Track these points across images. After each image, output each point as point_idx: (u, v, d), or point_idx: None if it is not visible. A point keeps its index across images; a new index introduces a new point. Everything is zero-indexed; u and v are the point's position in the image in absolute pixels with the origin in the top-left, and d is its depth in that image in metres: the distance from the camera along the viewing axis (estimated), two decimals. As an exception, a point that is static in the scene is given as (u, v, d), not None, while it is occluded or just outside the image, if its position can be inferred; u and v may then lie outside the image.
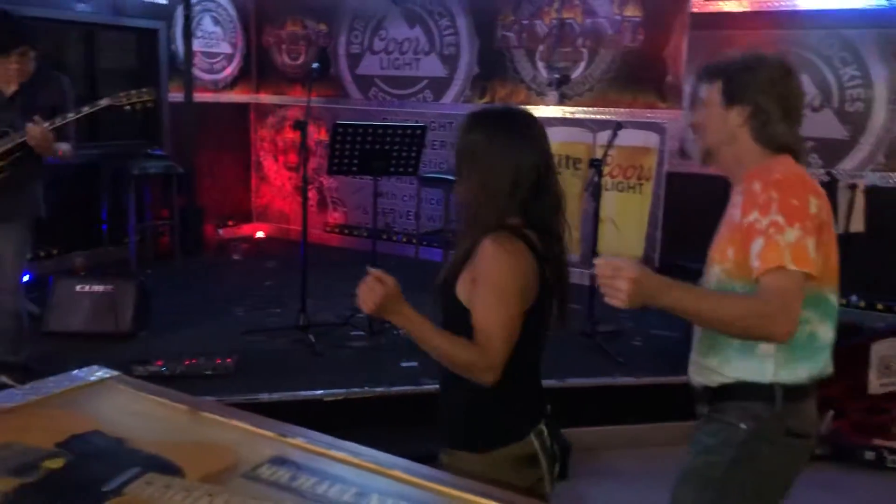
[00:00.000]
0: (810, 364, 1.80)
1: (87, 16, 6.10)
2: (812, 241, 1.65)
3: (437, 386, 2.03)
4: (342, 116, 6.78)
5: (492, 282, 1.73)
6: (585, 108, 5.96)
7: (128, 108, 3.54)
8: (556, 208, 1.85)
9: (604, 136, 5.62)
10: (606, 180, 5.42)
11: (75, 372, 1.58)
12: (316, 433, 1.37)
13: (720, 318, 1.63)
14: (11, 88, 3.53)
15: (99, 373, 1.57)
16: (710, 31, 5.37)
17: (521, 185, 1.78)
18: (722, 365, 1.83)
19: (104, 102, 3.52)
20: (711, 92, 1.87)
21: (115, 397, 1.52)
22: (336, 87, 7.11)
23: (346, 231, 7.30)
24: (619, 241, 5.80)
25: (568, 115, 6.00)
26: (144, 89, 3.59)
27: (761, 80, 1.81)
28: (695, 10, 5.45)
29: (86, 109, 3.50)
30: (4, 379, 3.73)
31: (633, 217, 5.83)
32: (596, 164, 4.62)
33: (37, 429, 1.33)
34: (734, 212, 1.80)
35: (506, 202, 1.78)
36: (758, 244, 1.65)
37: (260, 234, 7.69)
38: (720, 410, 1.85)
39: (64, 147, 3.52)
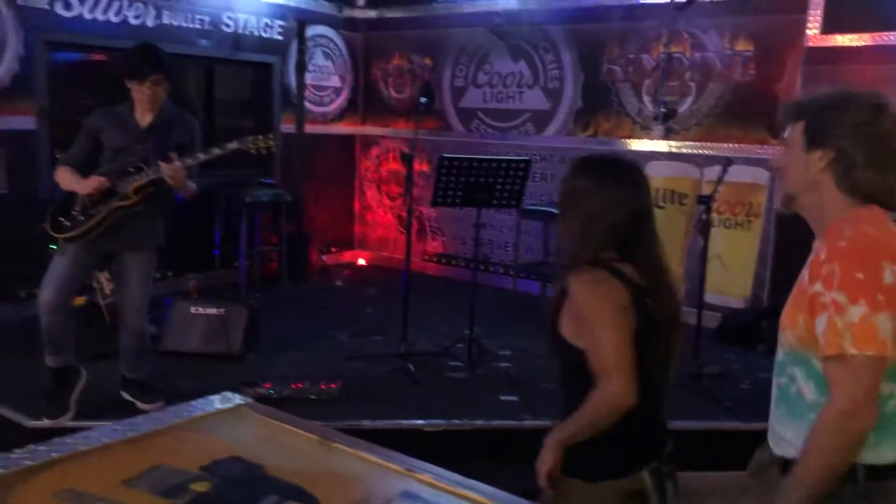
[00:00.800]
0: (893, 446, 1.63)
1: (207, 51, 6.45)
2: (883, 316, 1.50)
3: (538, 422, 2.11)
4: (445, 148, 6.89)
5: (587, 312, 1.84)
6: (692, 143, 5.86)
7: (253, 151, 3.65)
8: (653, 246, 1.93)
9: (711, 172, 5.51)
10: (713, 216, 5.29)
11: (213, 397, 1.66)
12: (443, 470, 1.39)
13: (821, 479, 1.56)
14: (146, 119, 3.73)
15: (234, 399, 1.64)
16: (826, 66, 5.20)
17: (618, 229, 1.88)
18: (797, 438, 1.66)
19: (232, 146, 3.64)
20: (794, 133, 1.72)
21: (249, 423, 1.59)
22: (439, 119, 7.24)
23: (444, 260, 7.37)
24: (725, 279, 5.65)
25: (674, 150, 5.91)
26: (270, 134, 3.68)
27: (846, 122, 1.64)
28: (810, 44, 5.29)
29: (216, 151, 3.63)
30: (126, 396, 3.94)
31: (740, 255, 5.66)
32: (705, 201, 4.52)
33: (181, 452, 1.41)
34: (805, 272, 1.67)
35: (601, 244, 1.89)
36: (822, 322, 1.55)
37: (361, 262, 7.86)
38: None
39: (190, 186, 3.69)
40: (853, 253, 1.55)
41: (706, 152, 5.78)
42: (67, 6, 5.47)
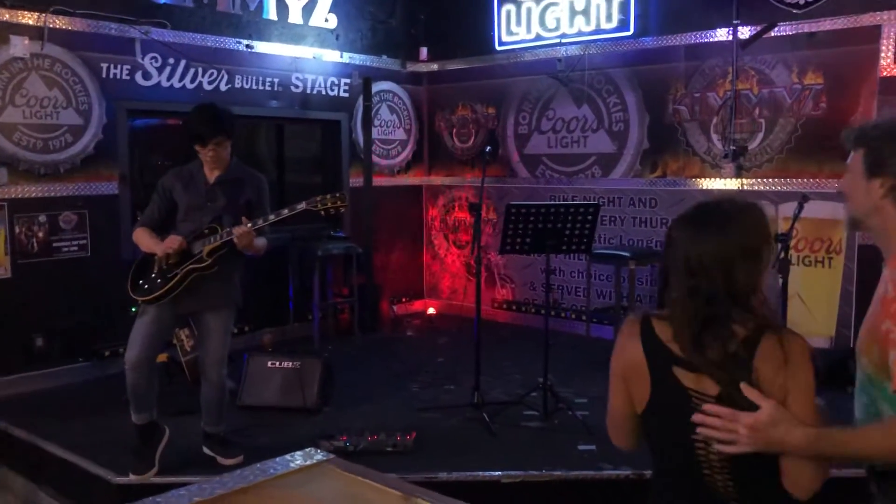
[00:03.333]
0: None
1: (277, 111, 6.67)
2: None
3: (618, 472, 2.08)
4: (511, 195, 6.93)
5: None
6: (765, 180, 5.73)
7: (322, 213, 3.68)
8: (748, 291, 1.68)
9: (787, 209, 5.37)
10: (792, 254, 5.14)
11: (296, 454, 1.67)
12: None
13: (870, 457, 1.61)
14: (214, 175, 3.87)
15: (317, 456, 1.65)
16: (903, 95, 5.05)
17: (671, 281, 1.72)
18: None
19: (301, 207, 3.70)
20: (855, 160, 1.78)
21: (332, 480, 1.60)
22: (504, 166, 7.28)
23: (514, 307, 7.33)
24: (807, 318, 5.44)
25: (746, 187, 5.79)
26: (338, 193, 3.71)
27: None
28: (884, 73, 5.15)
29: (285, 212, 3.71)
30: (208, 451, 4.00)
31: (821, 293, 5.46)
32: (782, 239, 4.40)
33: (268, 510, 1.41)
34: (876, 305, 1.71)
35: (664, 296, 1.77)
36: (892, 356, 1.58)
37: (431, 311, 7.89)
38: (886, 494, 1.72)
39: (258, 243, 3.77)
40: None
41: (780, 188, 5.64)
42: (146, 76, 5.76)
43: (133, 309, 4.06)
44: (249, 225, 3.61)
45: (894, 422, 1.61)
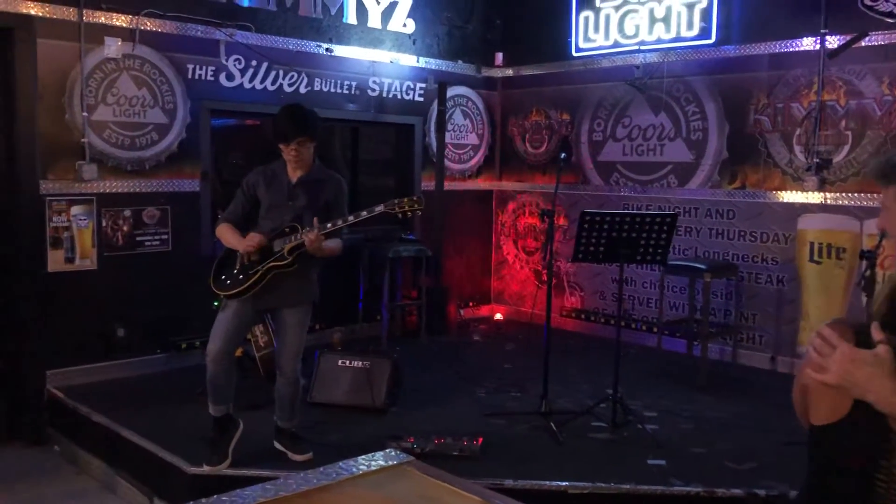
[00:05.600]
0: None
1: (353, 114, 6.77)
2: None
3: (688, 488, 1.91)
4: (582, 202, 6.87)
5: None
6: (850, 194, 5.53)
7: (399, 215, 3.73)
8: None
9: (872, 225, 5.17)
10: (877, 272, 4.94)
11: (377, 454, 1.69)
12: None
13: None
14: (296, 175, 3.94)
15: (398, 456, 1.66)
16: None
17: None
18: None
19: (379, 209, 3.73)
20: (887, 197, 1.70)
21: (411, 482, 1.61)
22: (577, 173, 7.22)
23: (583, 316, 7.26)
24: (891, 339, 5.23)
25: (830, 202, 5.61)
26: (415, 197, 3.74)
27: None
28: (983, 86, 4.93)
29: (364, 214, 3.74)
30: (279, 446, 4.08)
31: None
32: (868, 256, 4.26)
33: (352, 508, 1.43)
34: None
35: None
36: None
37: (498, 316, 7.87)
38: None
39: (332, 245, 3.82)
40: None
41: (866, 204, 5.44)
42: (230, 77, 5.92)
43: (216, 303, 4.17)
44: (318, 229, 3.65)
45: None
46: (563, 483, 3.80)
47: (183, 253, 5.70)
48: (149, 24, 5.46)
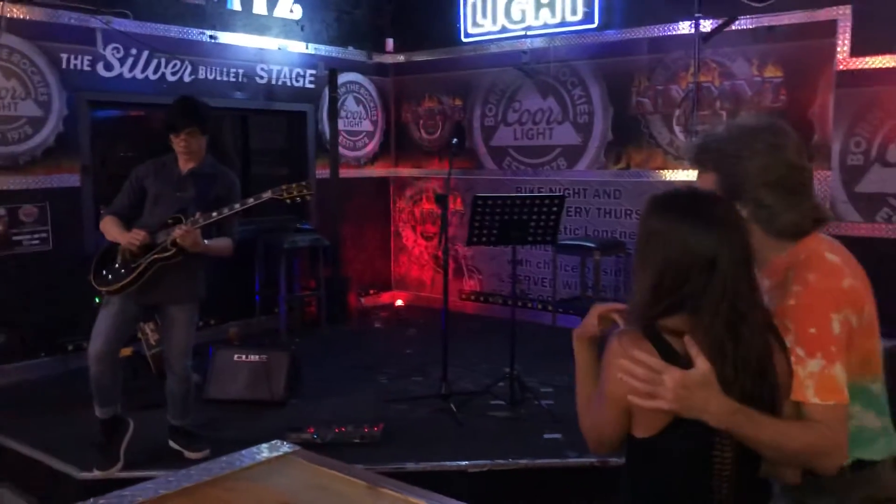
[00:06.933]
0: (865, 453, 1.70)
1: (242, 102, 6.62)
2: (837, 366, 1.56)
3: (583, 459, 1.98)
4: (477, 187, 6.96)
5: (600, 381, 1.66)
6: (726, 172, 5.82)
7: (288, 201, 3.70)
8: (730, 312, 1.53)
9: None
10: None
11: (262, 446, 1.68)
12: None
13: (780, 450, 1.55)
14: (188, 167, 3.85)
15: (283, 447, 1.66)
16: (858, 89, 5.17)
17: (690, 282, 1.53)
18: None
19: (267, 195, 3.71)
20: (706, 182, 1.72)
21: (298, 471, 1.61)
22: (471, 158, 7.31)
23: (482, 298, 7.38)
24: None
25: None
26: (304, 182, 3.74)
27: (754, 172, 1.67)
28: (841, 67, 5.27)
29: (250, 201, 3.70)
30: (174, 445, 3.99)
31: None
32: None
33: (236, 501, 1.42)
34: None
35: (670, 304, 1.56)
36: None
37: (399, 302, 7.90)
38: (787, 493, 1.76)
39: (220, 244, 3.78)
40: (803, 309, 1.61)
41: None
42: (108, 66, 5.67)
43: (97, 300, 4.01)
44: (190, 222, 3.60)
45: (816, 425, 1.56)
46: (464, 462, 3.87)
47: (65, 251, 5.45)
48: (16, 11, 5.17)
